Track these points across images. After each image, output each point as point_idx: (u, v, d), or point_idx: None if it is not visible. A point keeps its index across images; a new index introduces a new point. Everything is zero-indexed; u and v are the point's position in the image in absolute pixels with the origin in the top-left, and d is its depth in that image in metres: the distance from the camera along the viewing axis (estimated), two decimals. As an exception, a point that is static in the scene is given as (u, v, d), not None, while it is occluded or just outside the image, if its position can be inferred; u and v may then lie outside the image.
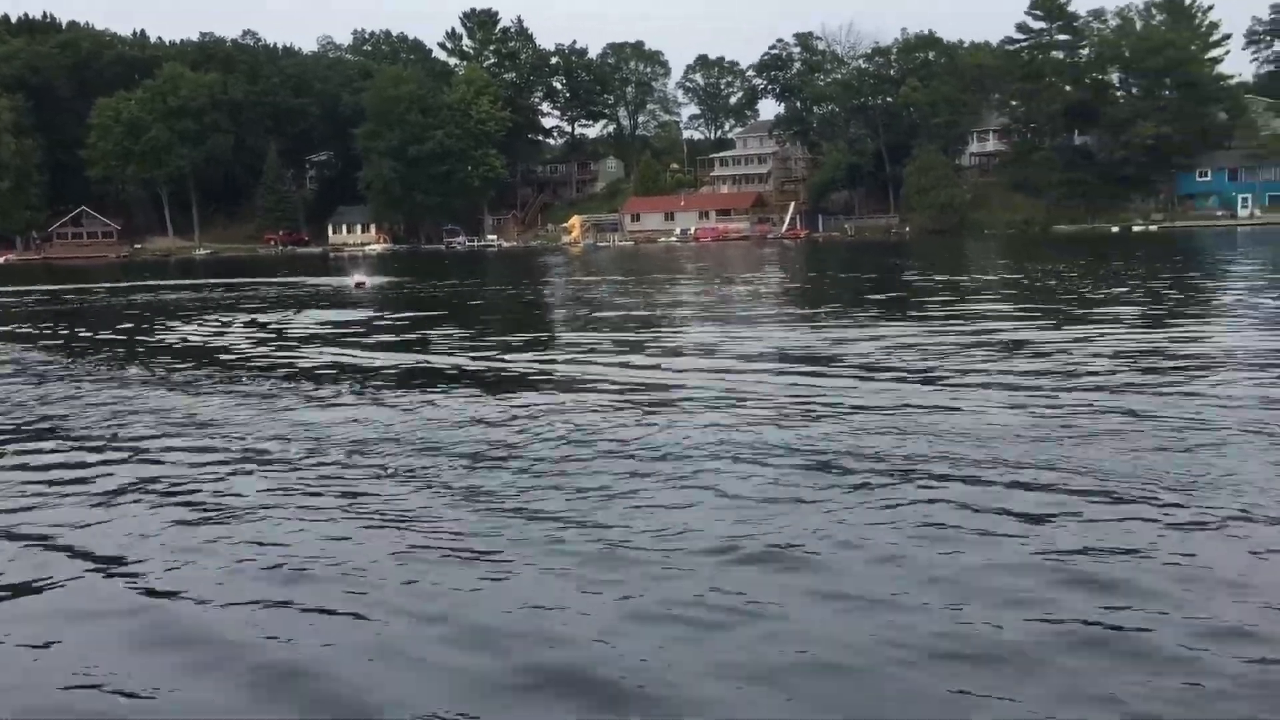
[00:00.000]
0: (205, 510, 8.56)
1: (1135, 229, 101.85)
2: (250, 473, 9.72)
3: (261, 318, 29.38)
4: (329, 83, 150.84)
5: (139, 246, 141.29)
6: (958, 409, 11.57)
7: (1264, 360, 14.85)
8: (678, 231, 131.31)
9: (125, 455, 10.68)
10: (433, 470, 9.52)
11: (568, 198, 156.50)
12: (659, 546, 7.22)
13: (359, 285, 44.69)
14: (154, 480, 9.57)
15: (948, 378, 14.03)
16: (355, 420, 12.15)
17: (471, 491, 8.77)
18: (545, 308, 33.74)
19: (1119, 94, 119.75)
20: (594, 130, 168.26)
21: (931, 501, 8.05)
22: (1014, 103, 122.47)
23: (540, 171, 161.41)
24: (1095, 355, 15.78)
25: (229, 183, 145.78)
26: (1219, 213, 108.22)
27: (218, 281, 54.36)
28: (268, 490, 9.06)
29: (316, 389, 14.79)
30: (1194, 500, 7.88)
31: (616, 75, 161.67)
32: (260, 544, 7.61)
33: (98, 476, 9.78)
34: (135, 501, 8.91)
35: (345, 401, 13.69)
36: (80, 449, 11.10)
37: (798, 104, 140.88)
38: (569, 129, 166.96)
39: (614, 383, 14.62)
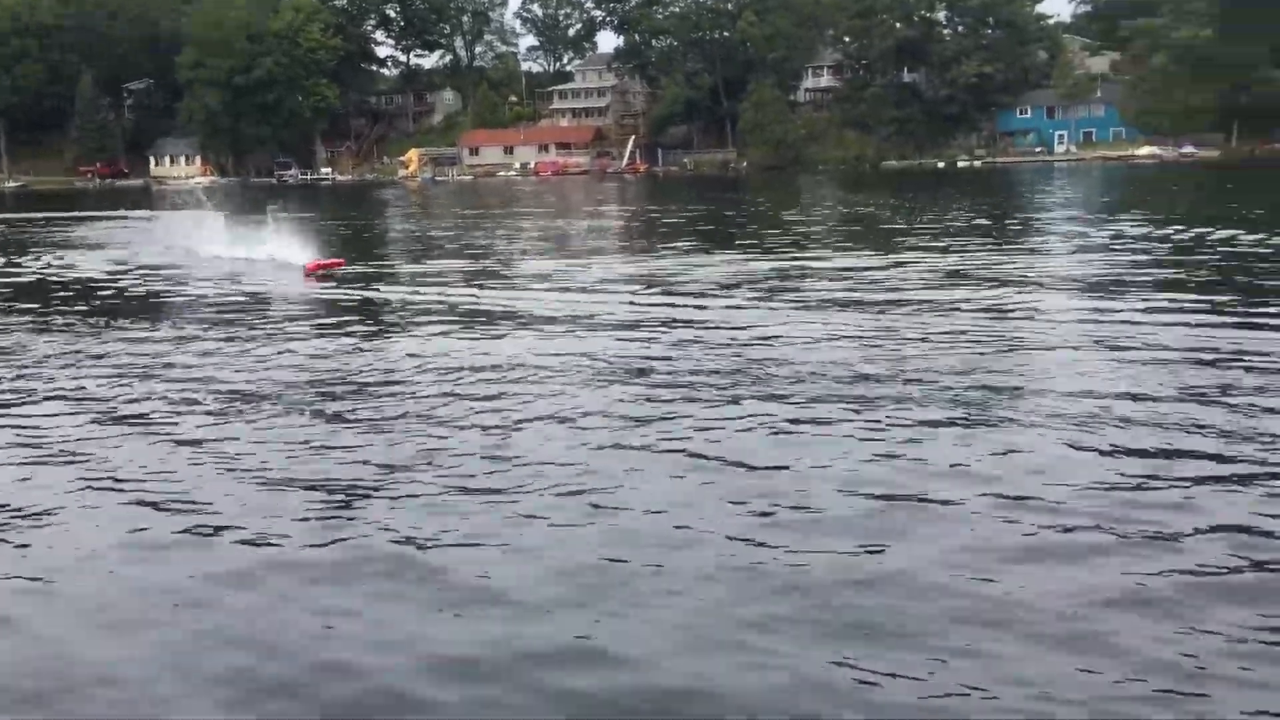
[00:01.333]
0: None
1: (960, 164, 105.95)
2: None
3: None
4: (148, 7, 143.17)
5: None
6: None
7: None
8: (517, 165, 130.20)
9: None
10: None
11: (404, 130, 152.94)
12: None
13: (318, 273, 23.53)
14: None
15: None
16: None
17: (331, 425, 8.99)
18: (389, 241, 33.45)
19: (945, 32, 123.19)
20: (430, 61, 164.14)
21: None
22: (847, 39, 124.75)
23: (375, 103, 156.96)
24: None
25: (41, 111, 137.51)
26: (1037, 149, 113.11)
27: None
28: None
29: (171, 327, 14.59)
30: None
31: (452, 4, 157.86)
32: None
33: None
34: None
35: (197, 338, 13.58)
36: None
37: (636, 37, 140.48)
38: (404, 59, 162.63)
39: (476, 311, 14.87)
